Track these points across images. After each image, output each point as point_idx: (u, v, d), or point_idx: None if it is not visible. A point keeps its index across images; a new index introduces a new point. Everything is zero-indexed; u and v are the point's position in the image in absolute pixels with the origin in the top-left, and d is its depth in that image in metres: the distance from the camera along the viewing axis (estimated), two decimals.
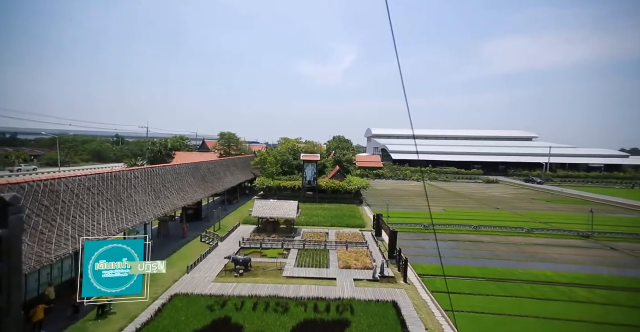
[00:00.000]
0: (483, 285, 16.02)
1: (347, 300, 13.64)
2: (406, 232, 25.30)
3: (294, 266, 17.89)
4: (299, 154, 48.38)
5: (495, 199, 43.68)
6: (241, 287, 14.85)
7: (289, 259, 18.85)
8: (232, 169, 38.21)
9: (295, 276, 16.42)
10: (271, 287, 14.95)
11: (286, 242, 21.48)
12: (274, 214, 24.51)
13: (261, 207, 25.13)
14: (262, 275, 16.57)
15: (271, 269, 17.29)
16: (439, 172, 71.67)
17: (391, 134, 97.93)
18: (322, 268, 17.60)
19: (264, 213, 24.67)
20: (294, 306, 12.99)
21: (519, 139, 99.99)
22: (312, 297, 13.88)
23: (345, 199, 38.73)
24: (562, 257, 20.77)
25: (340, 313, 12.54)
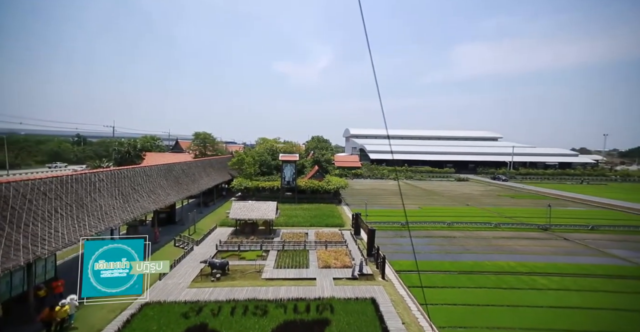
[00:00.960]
0: (455, 278, 16.86)
1: (327, 299, 13.70)
2: (384, 231, 25.95)
3: (274, 267, 17.66)
4: (278, 155, 47.92)
5: (465, 196, 46.20)
6: (218, 292, 14.38)
7: (268, 261, 18.57)
8: (208, 170, 36.93)
9: (274, 278, 16.20)
10: (250, 291, 14.63)
11: (265, 244, 21.15)
12: (253, 216, 24.04)
13: (239, 208, 24.53)
14: (241, 278, 16.17)
15: (250, 272, 16.93)
16: (414, 172, 74.40)
17: (369, 134, 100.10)
18: (302, 269, 17.54)
19: (242, 215, 24.10)
20: (274, 308, 12.81)
21: (486, 139, 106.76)
22: (292, 299, 13.78)
23: (324, 199, 38.94)
24: (524, 248, 22.44)
25: (320, 313, 12.57)
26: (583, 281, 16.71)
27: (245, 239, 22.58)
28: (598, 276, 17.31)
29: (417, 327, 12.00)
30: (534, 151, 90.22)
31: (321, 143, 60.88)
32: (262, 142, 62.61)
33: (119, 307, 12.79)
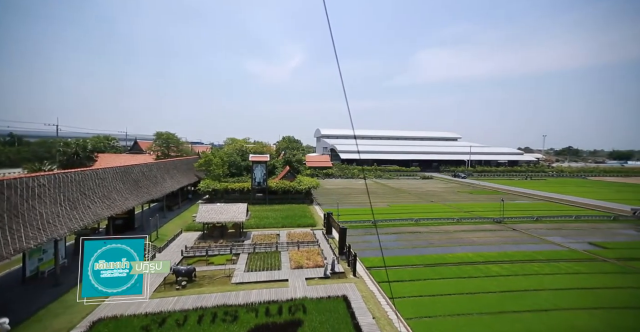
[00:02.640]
0: (421, 271, 17.84)
1: (299, 300, 13.66)
2: (355, 229, 26.59)
3: (244, 271, 17.16)
4: (248, 155, 46.69)
5: (430, 193, 49.14)
6: (184, 301, 13.58)
7: (238, 265, 17.99)
8: (172, 172, 34.68)
9: (245, 282, 15.75)
10: (219, 297, 14.04)
11: (235, 247, 20.47)
12: (222, 219, 23.11)
13: (206, 211, 23.42)
14: (209, 284, 15.44)
15: (219, 277, 16.25)
16: (383, 171, 77.26)
17: (340, 134, 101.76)
18: (273, 270, 17.27)
19: (209, 218, 23.04)
20: (244, 313, 12.45)
21: (448, 139, 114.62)
22: (264, 302, 13.52)
23: (296, 199, 38.78)
24: (480, 240, 24.50)
25: (292, 314, 12.49)
26: (528, 266, 18.71)
27: (213, 243, 21.63)
28: (539, 261, 19.52)
29: (386, 320, 12.48)
30: (488, 150, 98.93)
31: (292, 143, 60.50)
32: (231, 142, 60.52)
33: (65, 327, 11.49)
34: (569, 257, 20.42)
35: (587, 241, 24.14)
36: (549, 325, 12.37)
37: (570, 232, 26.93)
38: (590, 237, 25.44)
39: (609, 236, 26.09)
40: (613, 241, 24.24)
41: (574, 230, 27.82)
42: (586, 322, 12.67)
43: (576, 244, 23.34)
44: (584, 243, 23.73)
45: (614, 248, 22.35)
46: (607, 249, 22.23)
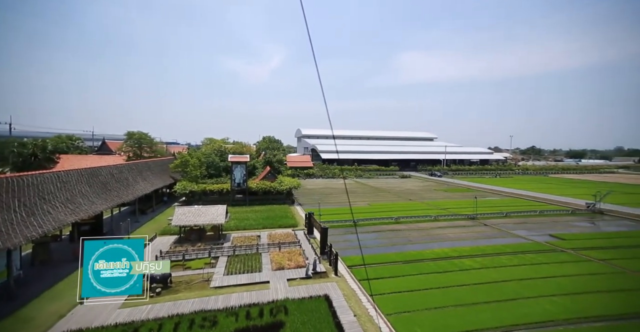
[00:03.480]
0: (400, 268, 18.39)
1: (280, 301, 13.57)
2: (337, 228, 26.84)
3: (224, 274, 16.73)
4: (227, 156, 45.55)
5: (408, 192, 50.75)
6: (159, 308, 12.99)
7: (217, 268, 17.51)
8: (145, 173, 32.97)
9: (225, 286, 15.36)
10: (197, 302, 13.58)
11: (214, 250, 19.88)
12: (199, 221, 22.34)
13: (183, 214, 22.54)
14: (186, 290, 14.88)
15: (197, 282, 15.71)
16: (363, 170, 78.63)
17: (321, 134, 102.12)
18: (254, 273, 17.00)
19: (186, 221, 22.19)
20: (224, 318, 12.14)
21: (424, 139, 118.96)
22: (244, 305, 13.27)
23: (277, 200, 38.42)
24: (455, 235, 25.72)
25: (274, 316, 12.37)
26: (497, 259, 19.94)
27: (191, 247, 20.86)
28: (507, 254, 20.86)
29: (367, 317, 12.74)
30: (462, 150, 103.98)
31: (273, 143, 59.91)
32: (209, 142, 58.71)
33: None
34: (533, 249, 22.02)
35: (548, 233, 26.16)
36: (514, 313, 13.27)
37: (534, 226, 29.04)
38: (551, 229, 27.60)
39: (566, 228, 28.46)
40: (570, 233, 26.48)
41: (537, 224, 30.03)
42: (546, 308, 13.74)
43: (539, 237, 25.22)
44: (546, 235, 25.69)
45: (570, 239, 24.42)
46: (564, 240, 24.23)
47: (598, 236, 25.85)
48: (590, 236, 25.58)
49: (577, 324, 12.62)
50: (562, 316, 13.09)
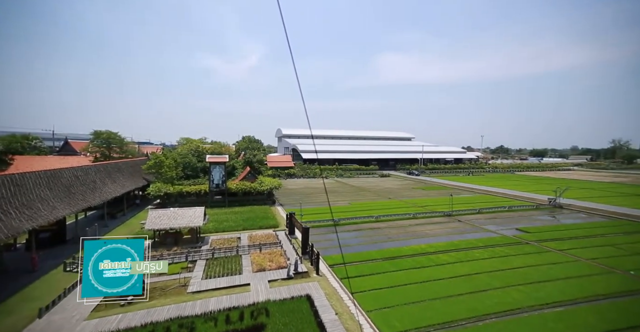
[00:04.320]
0: (380, 265, 18.83)
1: (261, 304, 13.40)
2: (318, 228, 26.94)
3: (202, 278, 16.20)
4: (205, 156, 44.17)
5: (388, 191, 52.05)
6: (130, 318, 12.31)
7: (195, 272, 16.92)
8: (114, 175, 31.06)
9: (203, 290, 14.89)
10: (173, 309, 13.04)
11: (191, 254, 19.19)
12: (175, 224, 21.45)
13: (157, 217, 21.52)
14: (161, 296, 14.23)
15: (173, 288, 15.08)
16: (344, 170, 79.52)
17: (301, 134, 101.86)
18: (234, 275, 16.63)
19: (161, 224, 21.21)
20: (202, 323, 11.77)
21: (403, 139, 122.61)
22: (224, 309, 12.95)
23: (257, 200, 37.83)
24: (431, 232, 26.78)
25: (255, 319, 12.19)
26: (470, 253, 21.04)
27: (166, 251, 19.97)
28: (479, 247, 22.09)
29: (348, 315, 12.92)
30: (437, 149, 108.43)
31: (253, 143, 58.89)
32: (186, 142, 56.57)
33: None
34: (502, 242, 23.48)
35: (515, 227, 28.03)
36: (485, 304, 14.09)
37: (503, 221, 30.97)
38: (518, 223, 29.59)
39: (531, 222, 30.65)
40: (534, 226, 28.55)
41: (505, 218, 32.06)
42: (514, 297, 14.73)
43: (507, 231, 26.94)
44: (513, 229, 27.51)
45: (534, 232, 26.33)
46: (529, 233, 26.10)
47: (557, 228, 28.10)
48: (551, 229, 27.75)
49: (540, 310, 13.65)
50: (527, 304, 14.10)
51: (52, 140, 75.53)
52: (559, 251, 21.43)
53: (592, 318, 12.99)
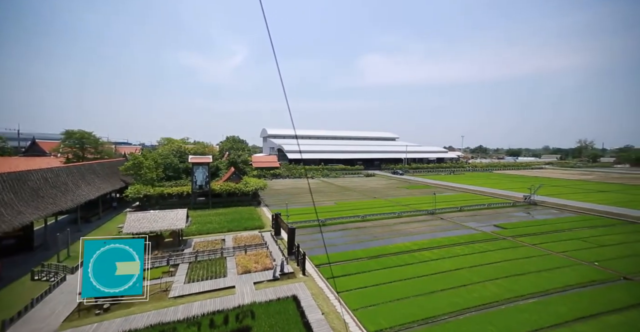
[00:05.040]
0: (366, 264, 19.07)
1: (247, 306, 13.20)
2: (305, 228, 26.88)
3: (185, 282, 15.73)
4: (187, 157, 42.92)
5: (373, 190, 52.81)
6: (106, 327, 11.72)
7: (177, 277, 16.39)
8: (89, 177, 29.48)
9: (186, 294, 14.45)
10: (153, 315, 12.56)
11: (173, 258, 18.59)
12: (156, 227, 20.67)
13: (136, 220, 20.64)
14: (141, 303, 13.65)
15: (154, 293, 14.51)
16: (330, 170, 79.86)
17: (287, 134, 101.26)
18: (218, 278, 16.27)
19: (141, 227, 20.35)
20: (185, 329, 11.43)
21: (387, 139, 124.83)
22: (208, 313, 12.63)
23: (242, 201, 37.22)
24: (415, 230, 27.45)
25: (240, 322, 11.98)
26: (452, 249, 21.77)
27: (146, 255, 19.18)
28: (460, 244, 22.90)
29: (335, 314, 12.99)
30: (421, 149, 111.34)
31: (237, 144, 57.93)
32: (167, 142, 54.70)
33: None
34: (481, 238, 24.47)
35: (493, 224, 29.30)
36: (465, 298, 14.63)
37: (482, 218, 32.28)
38: (496, 220, 30.96)
39: (507, 218, 32.16)
40: (510, 222, 29.98)
41: (485, 216, 33.44)
42: (491, 290, 15.40)
43: (486, 227, 28.11)
44: (491, 226, 28.74)
45: (510, 228, 27.66)
46: (506, 229, 27.38)
47: (531, 223, 29.66)
48: (526, 224, 29.25)
49: (515, 302, 14.36)
50: (504, 296, 14.78)
51: (18, 140, 70.58)
52: (533, 246, 22.63)
53: (562, 308, 13.82)
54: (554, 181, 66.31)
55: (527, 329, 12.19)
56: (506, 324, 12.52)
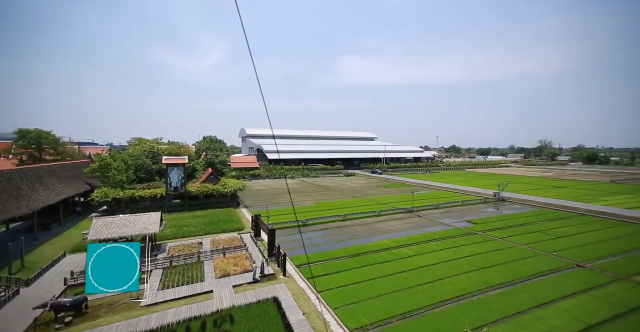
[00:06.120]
0: (347, 263, 19.27)
1: (226, 310, 12.82)
2: (285, 229, 26.63)
3: (158, 289, 14.95)
4: (161, 158, 40.90)
5: (353, 190, 53.54)
6: None
7: (150, 284, 15.53)
8: (47, 180, 27.12)
9: (160, 302, 13.74)
10: (123, 326, 11.81)
11: (146, 264, 17.55)
12: (127, 233, 19.44)
13: (104, 226, 19.30)
14: (109, 314, 12.78)
15: (123, 303, 13.64)
16: (310, 170, 79.84)
17: (266, 134, 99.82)
18: (196, 283, 15.65)
19: (109, 234, 19.05)
20: None
21: (366, 139, 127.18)
22: (184, 320, 12.11)
23: (220, 203, 36.14)
24: (394, 228, 28.20)
25: (218, 327, 11.62)
26: (428, 245, 22.64)
27: None
28: (436, 240, 23.87)
29: (316, 314, 12.99)
30: (398, 149, 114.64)
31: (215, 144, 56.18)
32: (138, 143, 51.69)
33: None
34: (455, 234, 25.68)
35: (466, 220, 30.88)
36: (441, 292, 15.29)
37: (456, 214, 33.89)
38: (468, 216, 32.64)
39: (479, 214, 34.04)
40: (481, 218, 31.76)
41: (459, 212, 35.12)
42: (465, 283, 16.22)
43: (459, 223, 29.55)
44: (464, 222, 30.27)
45: (481, 223, 29.30)
46: (477, 224, 28.96)
47: (500, 219, 31.64)
48: (495, 219, 31.14)
49: (486, 293, 15.23)
50: (476, 288, 15.62)
51: None
52: (501, 239, 24.14)
53: (525, 296, 14.88)
54: (519, 178, 71.21)
55: (496, 318, 12.98)
56: (477, 314, 13.24)
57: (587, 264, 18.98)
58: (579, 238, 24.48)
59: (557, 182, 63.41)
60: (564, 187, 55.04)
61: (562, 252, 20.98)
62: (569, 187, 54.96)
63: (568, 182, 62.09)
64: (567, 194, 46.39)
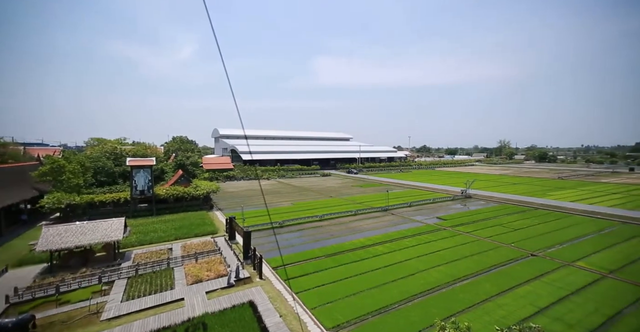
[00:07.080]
0: (323, 262, 19.36)
1: (198, 318, 12.26)
2: (261, 231, 26.11)
3: (122, 301, 13.90)
4: (125, 159, 38.13)
5: (329, 189, 53.97)
6: None
7: (112, 295, 14.40)
8: None
9: (123, 314, 12.79)
10: None
11: (107, 274, 16.26)
12: (84, 241, 17.84)
13: (57, 235, 17.54)
14: (63, 331, 11.62)
15: (80, 318, 12.50)
16: (286, 170, 79.16)
17: (240, 134, 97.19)
18: (165, 291, 14.79)
19: (62, 243, 17.34)
20: None
21: (342, 139, 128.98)
22: (151, 331, 11.37)
23: (192, 206, 34.54)
24: (369, 226, 28.89)
25: None
26: (402, 242, 23.50)
27: (70, 274, 16.46)
28: (408, 237, 24.87)
29: (293, 315, 12.89)
30: (373, 149, 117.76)
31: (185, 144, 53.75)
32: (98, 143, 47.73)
33: None
34: (426, 230, 26.95)
35: (436, 216, 32.54)
36: (414, 285, 15.96)
37: (427, 211, 35.56)
38: (438, 213, 34.43)
39: (447, 210, 36.06)
40: (449, 214, 33.67)
41: (429, 209, 36.89)
42: (434, 277, 17.09)
43: (430, 220, 31.06)
44: (434, 218, 31.87)
45: (449, 219, 31.07)
46: (446, 220, 30.66)
47: (466, 214, 33.78)
48: (461, 215, 33.20)
49: (454, 285, 16.17)
50: (445, 281, 16.52)
51: None
52: (467, 233, 25.78)
53: (487, 285, 16.04)
54: (483, 175, 76.60)
55: (463, 307, 13.83)
56: (446, 305, 14.01)
57: (539, 253, 20.94)
58: (533, 230, 26.92)
59: (515, 179, 69.17)
60: (520, 183, 60.21)
61: (519, 243, 22.92)
62: (525, 183, 60.24)
63: (523, 179, 68.01)
64: (523, 189, 50.82)
